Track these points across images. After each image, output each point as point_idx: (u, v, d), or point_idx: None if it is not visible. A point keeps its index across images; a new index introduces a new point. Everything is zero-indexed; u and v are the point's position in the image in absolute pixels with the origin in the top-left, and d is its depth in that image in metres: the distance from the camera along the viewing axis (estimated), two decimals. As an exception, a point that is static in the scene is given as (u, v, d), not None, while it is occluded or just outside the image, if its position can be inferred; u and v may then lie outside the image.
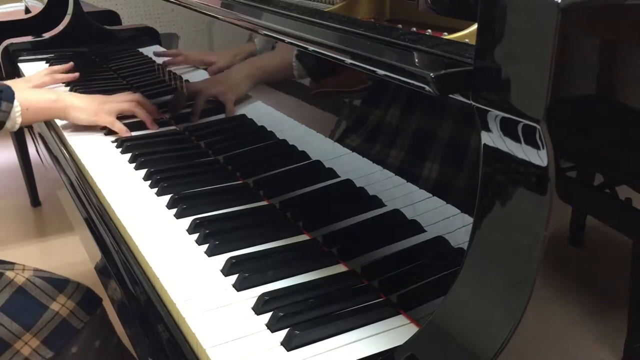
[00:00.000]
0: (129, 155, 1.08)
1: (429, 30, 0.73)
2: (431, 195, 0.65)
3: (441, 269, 0.63)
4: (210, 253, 0.77)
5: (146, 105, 1.24)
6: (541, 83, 0.43)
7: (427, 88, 0.50)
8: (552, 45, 0.42)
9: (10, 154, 2.51)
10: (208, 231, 0.80)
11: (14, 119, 1.10)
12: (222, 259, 0.75)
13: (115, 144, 1.14)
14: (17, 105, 1.09)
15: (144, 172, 1.01)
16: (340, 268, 0.73)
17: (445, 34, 0.68)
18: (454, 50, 0.54)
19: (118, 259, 0.83)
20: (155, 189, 0.95)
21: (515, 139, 0.47)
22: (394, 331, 0.63)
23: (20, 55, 1.74)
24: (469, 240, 0.52)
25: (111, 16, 1.63)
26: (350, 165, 0.76)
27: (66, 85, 1.48)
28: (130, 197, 0.94)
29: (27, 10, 2.19)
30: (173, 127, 1.22)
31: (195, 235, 0.81)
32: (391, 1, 0.94)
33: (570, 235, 0.49)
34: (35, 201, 2.51)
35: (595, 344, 0.54)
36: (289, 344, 0.61)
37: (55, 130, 1.27)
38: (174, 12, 1.25)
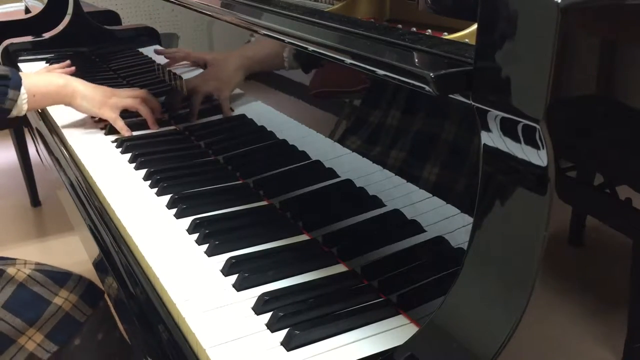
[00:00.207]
0: (129, 155, 1.08)
1: (429, 30, 0.73)
2: (431, 195, 0.65)
3: (441, 269, 0.63)
4: (210, 253, 0.77)
5: (151, 102, 1.22)
6: (541, 83, 0.43)
7: (427, 88, 0.50)
8: (552, 45, 0.42)
9: (10, 154, 2.51)
10: (208, 231, 0.80)
11: (21, 106, 1.10)
12: (222, 259, 0.75)
13: (116, 144, 1.14)
14: (24, 93, 1.09)
15: (144, 172, 1.01)
16: (340, 268, 0.73)
17: (445, 34, 0.68)
18: (454, 50, 0.54)
19: (118, 259, 0.83)
20: (155, 189, 0.95)
21: (515, 139, 0.47)
22: (394, 331, 0.63)
23: (20, 55, 1.74)
24: (469, 240, 0.52)
25: (111, 16, 1.63)
26: (350, 165, 0.76)
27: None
28: (130, 197, 0.94)
29: (27, 10, 2.19)
30: (173, 127, 1.22)
31: (195, 235, 0.81)
32: (391, 1, 0.94)
33: (570, 235, 0.49)
34: (35, 201, 2.51)
35: (595, 344, 0.54)
36: (289, 344, 0.61)
37: (55, 131, 1.27)
38: (174, 12, 1.25)
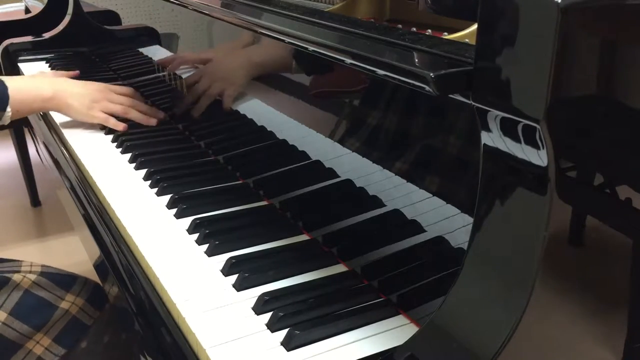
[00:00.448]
0: (129, 155, 1.08)
1: (429, 30, 0.73)
2: (431, 195, 0.64)
3: (441, 269, 0.63)
4: (210, 253, 0.77)
5: (139, 106, 1.23)
6: (541, 83, 0.43)
7: (427, 88, 0.50)
8: (552, 45, 0.42)
9: (10, 154, 2.51)
10: (208, 231, 0.80)
11: (4, 120, 1.13)
12: (222, 259, 0.75)
13: (116, 143, 1.14)
14: (9, 111, 1.12)
15: (144, 172, 1.01)
16: (340, 268, 0.73)
17: (445, 34, 0.68)
18: (454, 50, 0.54)
19: (118, 259, 0.83)
20: (155, 189, 0.95)
21: (515, 139, 0.47)
22: (394, 331, 0.63)
23: (20, 56, 1.73)
24: (469, 240, 0.52)
25: (111, 16, 1.63)
26: (350, 165, 0.76)
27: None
28: (130, 197, 0.94)
29: (27, 10, 2.19)
30: (173, 127, 1.22)
31: (195, 235, 0.81)
32: (391, 1, 0.94)
33: (570, 235, 0.49)
34: (35, 201, 2.51)
35: (595, 344, 0.54)
36: (289, 344, 0.61)
37: (55, 130, 1.27)
38: (174, 12, 1.25)
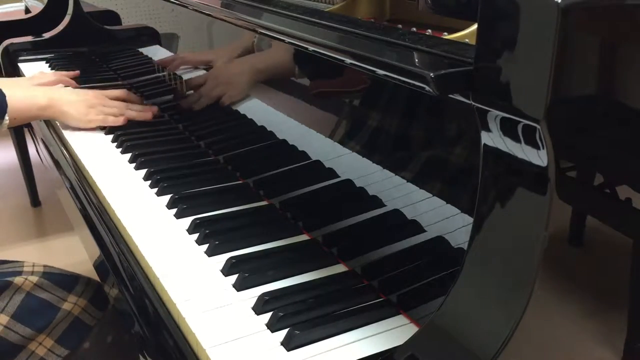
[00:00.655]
0: (129, 155, 1.08)
1: (429, 30, 0.73)
2: (431, 195, 0.64)
3: (441, 269, 0.63)
4: (210, 253, 0.77)
5: (133, 107, 1.24)
6: (541, 83, 0.43)
7: (427, 88, 0.50)
8: (552, 45, 0.42)
9: (10, 154, 2.50)
10: (208, 231, 0.80)
11: (2, 127, 1.13)
12: (222, 259, 0.75)
13: (116, 143, 1.14)
14: (7, 120, 1.12)
15: (144, 172, 1.01)
16: (340, 268, 0.73)
17: (445, 34, 0.68)
18: (454, 50, 0.54)
19: (118, 259, 0.83)
20: (155, 189, 0.95)
21: (515, 139, 0.47)
22: (394, 331, 0.63)
23: (20, 55, 1.73)
24: (469, 240, 0.52)
25: (111, 16, 1.63)
26: (350, 165, 0.76)
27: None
28: (130, 197, 0.94)
29: (27, 10, 2.19)
30: (173, 127, 1.22)
31: (195, 235, 0.81)
32: (391, 1, 0.94)
33: (570, 235, 0.49)
34: (35, 201, 2.51)
35: (595, 344, 0.54)
36: (289, 344, 0.61)
37: (55, 130, 1.27)
38: (174, 12, 1.25)
